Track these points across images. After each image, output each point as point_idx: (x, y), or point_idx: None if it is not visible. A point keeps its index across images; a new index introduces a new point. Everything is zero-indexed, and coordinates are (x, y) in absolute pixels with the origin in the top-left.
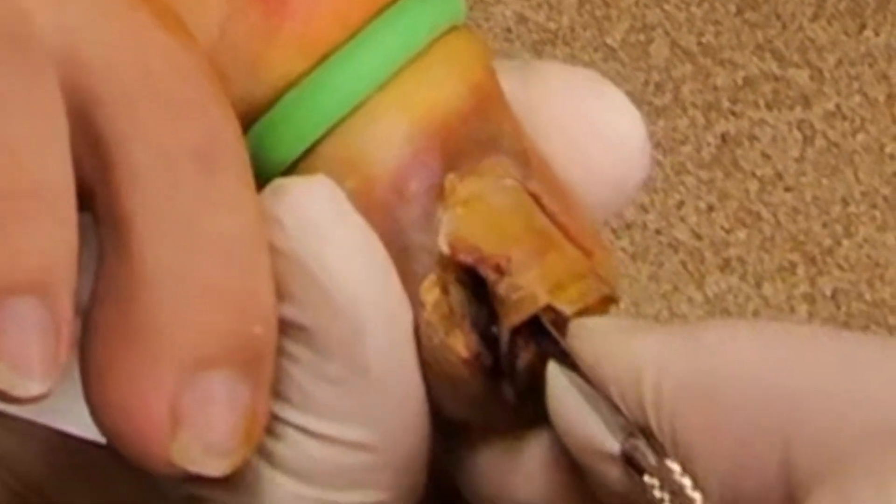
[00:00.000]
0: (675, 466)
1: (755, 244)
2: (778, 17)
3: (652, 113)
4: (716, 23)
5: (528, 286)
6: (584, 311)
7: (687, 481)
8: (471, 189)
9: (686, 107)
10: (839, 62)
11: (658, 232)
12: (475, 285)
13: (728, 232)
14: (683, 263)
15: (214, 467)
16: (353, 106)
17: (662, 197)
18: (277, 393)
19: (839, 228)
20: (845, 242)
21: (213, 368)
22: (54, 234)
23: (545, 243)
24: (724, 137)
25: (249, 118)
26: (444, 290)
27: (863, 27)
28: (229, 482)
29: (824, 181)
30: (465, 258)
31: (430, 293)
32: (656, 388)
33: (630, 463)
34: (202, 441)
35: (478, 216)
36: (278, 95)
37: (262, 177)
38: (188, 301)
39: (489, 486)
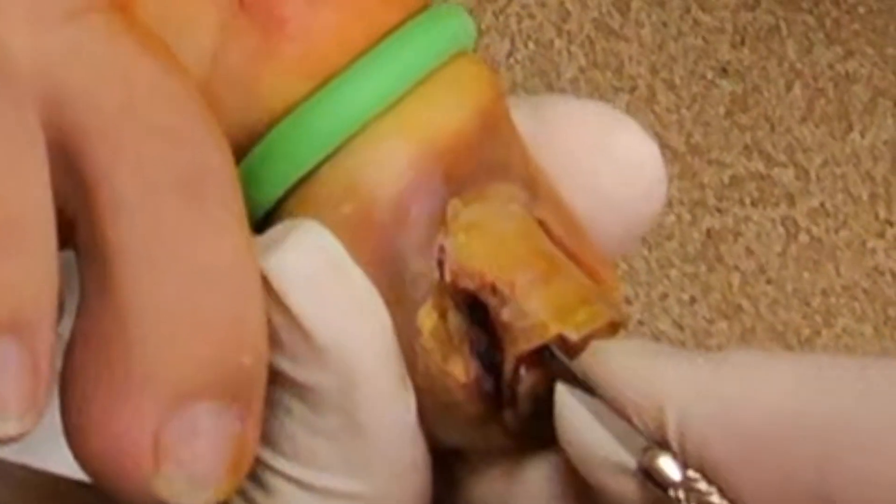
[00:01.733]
0: (698, 476)
1: (736, 334)
2: (767, 119)
3: None
4: (705, 124)
5: (535, 313)
6: (590, 337)
7: (713, 490)
8: (475, 214)
9: (673, 204)
10: (825, 162)
11: (641, 323)
12: (474, 311)
13: (710, 322)
14: None
15: (200, 500)
16: (353, 130)
17: (646, 289)
18: (269, 443)
19: (819, 319)
20: (824, 332)
21: (199, 400)
22: (33, 270)
23: (551, 268)
24: (709, 233)
25: (246, 144)
26: (442, 316)
27: (849, 129)
28: None
29: (806, 274)
30: (468, 284)
31: (428, 319)
32: (681, 421)
33: (650, 477)
34: (187, 474)
35: (481, 241)
36: (275, 120)
37: (260, 202)
38: (172, 333)
39: None
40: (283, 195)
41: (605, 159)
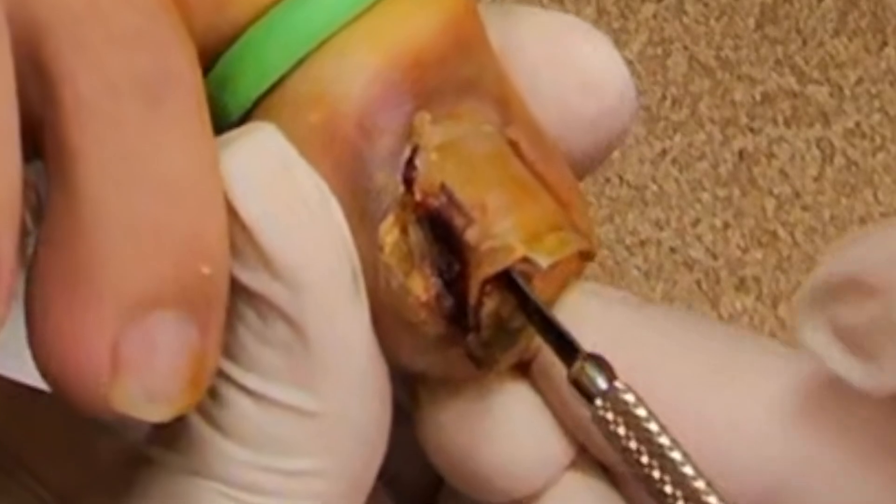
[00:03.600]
0: (622, 386)
1: (771, 264)
2: (798, 32)
3: (669, 128)
4: (735, 37)
5: (503, 236)
6: (559, 264)
7: (641, 409)
8: (447, 133)
9: (703, 122)
10: (860, 79)
11: (673, 250)
12: (438, 228)
13: (744, 251)
14: (698, 282)
15: (157, 413)
16: (320, 40)
17: (678, 214)
18: (224, 351)
19: None
20: None
21: (158, 310)
22: None
23: (522, 192)
24: (741, 154)
25: (213, 52)
26: (404, 231)
27: (884, 44)
28: (172, 442)
29: (843, 200)
30: (435, 202)
31: (390, 234)
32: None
33: (578, 388)
34: (144, 386)
35: (452, 161)
36: (243, 27)
37: (228, 112)
38: (132, 240)
39: (453, 446)
40: (251, 103)
41: (569, 73)
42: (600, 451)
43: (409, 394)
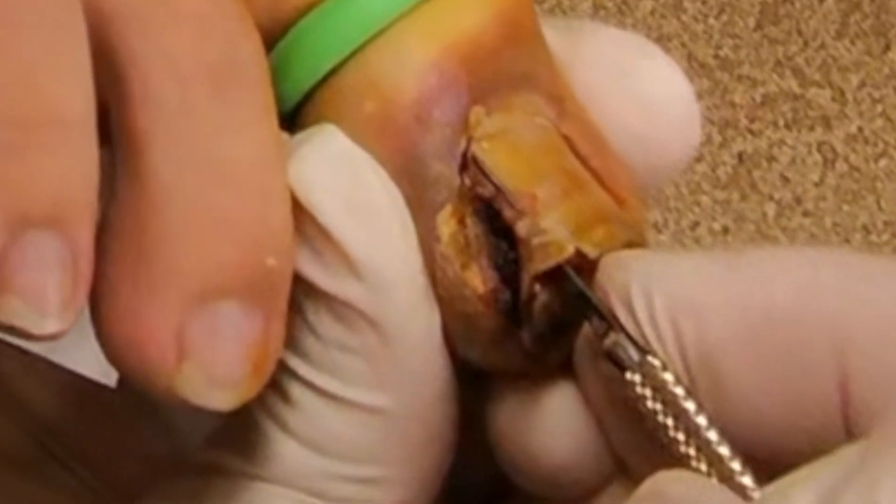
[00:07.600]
0: (656, 362)
1: None
2: (800, 33)
3: None
4: (734, 36)
5: (553, 231)
6: None
7: (669, 376)
8: (499, 124)
9: (702, 123)
10: (862, 83)
11: None
12: (494, 219)
13: None
14: None
15: (220, 401)
16: (378, 28)
17: (676, 216)
18: (297, 351)
19: None
20: None
21: (222, 299)
22: (73, 165)
23: (573, 184)
24: (741, 157)
25: (272, 39)
26: (461, 223)
27: (887, 48)
28: (240, 447)
29: (845, 207)
30: (486, 192)
31: (447, 225)
32: (697, 330)
33: (611, 360)
34: (207, 373)
35: (504, 151)
36: (302, 14)
37: (287, 96)
38: (198, 228)
39: (507, 444)
40: (309, 90)
41: (631, 94)
42: (622, 439)
43: (476, 388)
